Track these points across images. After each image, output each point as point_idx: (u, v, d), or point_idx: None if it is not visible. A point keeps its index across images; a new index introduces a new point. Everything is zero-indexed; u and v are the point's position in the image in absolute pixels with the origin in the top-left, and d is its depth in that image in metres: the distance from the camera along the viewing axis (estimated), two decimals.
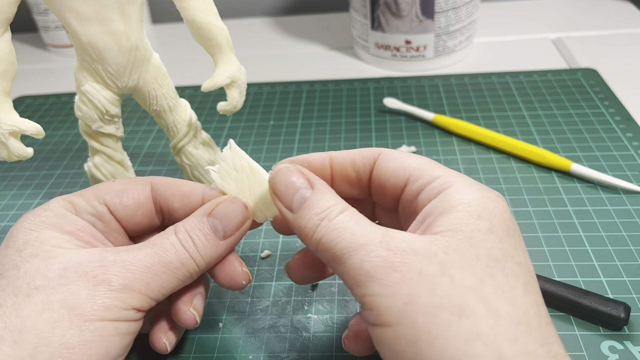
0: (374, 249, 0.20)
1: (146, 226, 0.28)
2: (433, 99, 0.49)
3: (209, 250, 0.24)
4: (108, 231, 0.26)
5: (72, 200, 0.26)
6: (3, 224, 0.39)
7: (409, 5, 0.50)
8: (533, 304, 0.19)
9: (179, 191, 0.27)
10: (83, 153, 0.47)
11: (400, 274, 0.19)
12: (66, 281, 0.21)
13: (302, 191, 0.23)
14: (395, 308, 0.19)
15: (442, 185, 0.22)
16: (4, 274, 0.22)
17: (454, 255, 0.19)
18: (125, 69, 0.31)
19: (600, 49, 0.56)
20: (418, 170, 0.23)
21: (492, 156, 0.41)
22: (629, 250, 0.32)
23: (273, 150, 0.45)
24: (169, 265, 0.23)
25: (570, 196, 0.37)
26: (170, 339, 0.27)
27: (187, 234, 0.24)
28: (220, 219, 0.25)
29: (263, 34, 0.69)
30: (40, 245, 0.23)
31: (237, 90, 0.33)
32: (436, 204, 0.21)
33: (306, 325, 0.30)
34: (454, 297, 0.18)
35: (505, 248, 0.20)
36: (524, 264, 0.20)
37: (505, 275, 0.19)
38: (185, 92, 0.54)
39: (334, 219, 0.21)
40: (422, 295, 0.19)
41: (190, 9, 0.31)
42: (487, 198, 0.21)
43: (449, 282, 0.19)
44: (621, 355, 0.26)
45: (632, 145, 0.41)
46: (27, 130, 0.29)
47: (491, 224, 0.20)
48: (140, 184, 0.27)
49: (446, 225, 0.20)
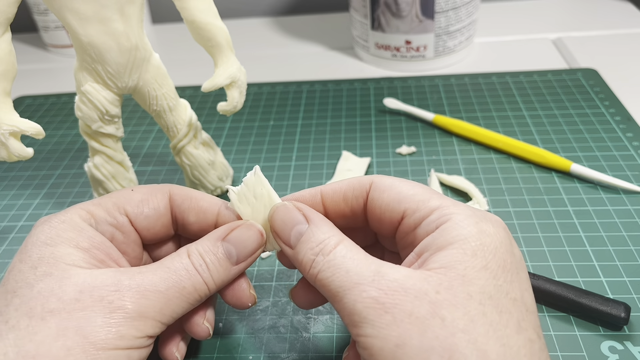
0: (366, 288, 0.20)
1: (164, 235, 0.27)
2: (433, 99, 0.49)
3: (221, 275, 0.24)
4: (127, 242, 0.26)
5: (92, 211, 0.25)
6: (3, 224, 0.39)
7: (409, 5, 0.50)
8: (526, 342, 0.19)
9: (196, 205, 0.26)
10: (83, 153, 0.47)
11: (392, 316, 0.19)
12: (81, 306, 0.21)
13: (299, 227, 0.23)
14: (387, 350, 0.19)
15: (440, 218, 0.22)
16: (18, 292, 0.22)
17: (446, 293, 0.19)
18: (125, 69, 0.31)
19: (600, 49, 0.56)
20: (414, 203, 0.23)
21: (492, 156, 0.41)
22: (629, 250, 0.32)
23: (273, 150, 0.45)
24: (182, 290, 0.23)
25: (570, 196, 0.37)
26: (181, 351, 0.27)
27: (200, 258, 0.24)
28: (235, 245, 0.24)
29: (263, 34, 0.69)
30: (55, 263, 0.22)
31: (237, 90, 0.33)
32: (433, 239, 0.21)
33: (306, 325, 0.30)
34: (444, 340, 0.18)
35: (499, 284, 0.20)
36: (519, 299, 0.20)
37: (499, 313, 0.19)
38: (185, 92, 0.54)
39: (329, 254, 0.22)
40: (413, 338, 0.19)
41: (190, 9, 0.31)
42: (484, 233, 0.21)
43: (439, 323, 0.19)
44: (621, 355, 0.26)
45: (632, 145, 0.41)
46: (27, 131, 0.29)
47: (486, 261, 0.20)
48: (159, 193, 0.27)
49: (440, 262, 0.20)
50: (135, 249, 0.27)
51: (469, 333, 0.18)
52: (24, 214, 0.40)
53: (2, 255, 0.36)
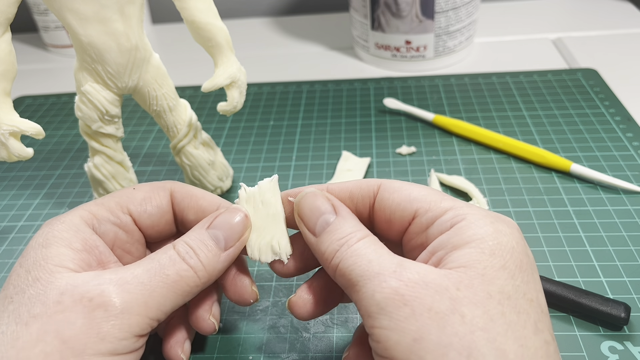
0: (386, 278, 0.20)
1: (168, 233, 0.27)
2: (433, 99, 0.49)
3: (211, 261, 0.24)
4: (130, 241, 0.26)
5: (95, 212, 0.25)
6: (3, 224, 0.39)
7: (409, 5, 0.50)
8: (543, 344, 0.19)
9: (195, 204, 0.26)
10: (83, 153, 0.47)
11: (411, 309, 0.19)
12: (62, 308, 0.21)
13: (326, 216, 0.23)
14: (404, 344, 0.19)
15: (455, 218, 0.22)
16: (14, 297, 0.22)
17: (466, 291, 0.19)
18: (125, 69, 0.31)
19: (600, 49, 0.56)
20: (426, 203, 0.23)
21: (492, 156, 0.41)
22: (629, 250, 0.32)
23: (273, 150, 0.45)
24: (166, 279, 0.22)
25: (570, 196, 0.37)
26: (186, 351, 0.26)
27: (186, 245, 0.23)
28: (221, 229, 0.24)
29: (263, 34, 0.69)
30: (44, 266, 0.22)
31: (237, 90, 0.33)
32: (448, 237, 0.21)
33: (306, 325, 0.30)
34: (463, 337, 0.18)
35: (517, 285, 0.20)
36: (535, 300, 0.20)
37: (517, 313, 0.19)
38: (185, 92, 0.54)
39: (353, 245, 0.22)
40: (432, 334, 0.18)
41: (190, 9, 0.31)
42: (501, 232, 0.21)
43: (459, 320, 0.18)
44: (621, 355, 0.26)
45: (632, 145, 0.41)
46: (27, 131, 0.29)
47: (504, 260, 0.20)
48: (161, 190, 0.27)
49: (459, 261, 0.20)
50: (139, 249, 0.27)
51: (488, 332, 0.18)
52: (24, 214, 0.40)
53: (2, 256, 0.36)
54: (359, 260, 0.21)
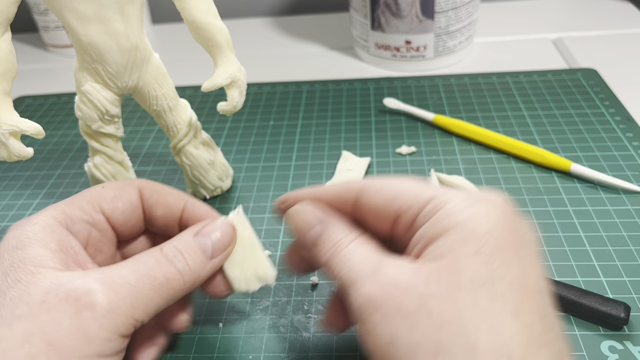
0: (363, 284, 0.20)
1: (138, 230, 0.28)
2: (433, 99, 0.49)
3: (198, 266, 0.24)
4: (103, 240, 0.26)
5: (67, 211, 0.25)
6: (3, 224, 0.39)
7: (409, 5, 0.50)
8: (522, 328, 0.18)
9: (163, 200, 0.27)
10: (83, 153, 0.47)
11: (382, 313, 0.19)
12: (47, 307, 0.20)
13: (316, 229, 0.23)
14: (380, 348, 0.19)
15: (434, 208, 0.21)
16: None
17: (434, 285, 0.19)
18: (125, 69, 0.31)
19: (600, 49, 0.56)
20: (406, 199, 0.22)
21: (492, 156, 0.41)
22: (629, 250, 0.32)
23: (273, 150, 0.45)
24: (154, 281, 0.22)
25: (570, 196, 0.37)
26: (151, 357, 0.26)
27: (175, 249, 0.24)
28: (209, 237, 0.25)
29: (263, 34, 0.69)
30: (24, 267, 0.21)
31: (237, 90, 0.33)
32: (427, 228, 0.21)
33: (306, 325, 0.30)
34: (430, 335, 0.18)
35: (493, 269, 0.19)
36: (516, 282, 0.19)
37: (491, 300, 0.18)
38: (185, 92, 0.54)
39: (341, 251, 0.22)
40: (402, 336, 0.18)
41: (190, 9, 0.31)
42: (477, 214, 0.20)
43: (426, 317, 0.18)
44: (621, 355, 0.26)
45: (632, 145, 0.41)
46: (27, 131, 0.29)
47: (478, 246, 0.19)
48: (130, 187, 0.27)
49: (434, 253, 0.20)
50: (111, 248, 0.27)
51: (456, 325, 0.18)
52: (24, 214, 0.40)
53: None
54: (345, 266, 0.21)
